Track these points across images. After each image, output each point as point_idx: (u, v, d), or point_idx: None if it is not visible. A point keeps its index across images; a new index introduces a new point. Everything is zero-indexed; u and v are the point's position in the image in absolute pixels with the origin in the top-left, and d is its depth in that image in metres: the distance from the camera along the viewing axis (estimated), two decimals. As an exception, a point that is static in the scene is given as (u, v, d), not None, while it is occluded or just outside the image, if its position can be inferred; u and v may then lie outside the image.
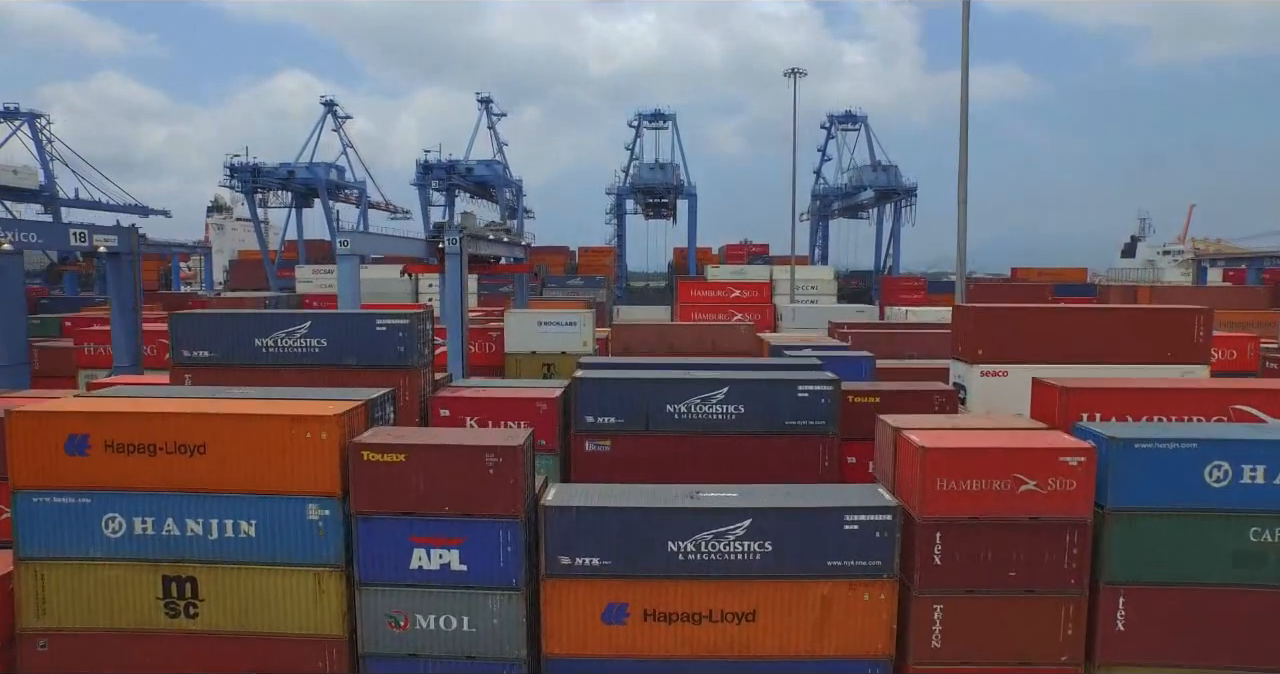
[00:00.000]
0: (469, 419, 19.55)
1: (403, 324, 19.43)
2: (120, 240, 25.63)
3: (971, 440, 14.71)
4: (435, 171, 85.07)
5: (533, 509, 14.61)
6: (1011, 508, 14.01)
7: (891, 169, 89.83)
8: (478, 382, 22.55)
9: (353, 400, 15.84)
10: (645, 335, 35.33)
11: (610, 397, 19.44)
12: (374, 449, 14.44)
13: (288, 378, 19.38)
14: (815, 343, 34.90)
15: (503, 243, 33.43)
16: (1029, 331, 20.70)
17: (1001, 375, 20.69)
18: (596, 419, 19.50)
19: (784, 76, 65.06)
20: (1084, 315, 20.83)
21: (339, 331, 19.55)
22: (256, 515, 14.48)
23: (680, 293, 56.91)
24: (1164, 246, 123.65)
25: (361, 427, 15.55)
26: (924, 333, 37.82)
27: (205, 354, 19.59)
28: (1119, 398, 16.00)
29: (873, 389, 20.80)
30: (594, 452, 19.54)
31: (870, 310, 53.49)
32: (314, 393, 16.72)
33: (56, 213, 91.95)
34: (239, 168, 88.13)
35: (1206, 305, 22.32)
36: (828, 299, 71.93)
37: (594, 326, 30.05)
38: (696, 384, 19.39)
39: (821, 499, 14.71)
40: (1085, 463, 13.83)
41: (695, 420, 19.36)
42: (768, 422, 19.34)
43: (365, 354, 19.51)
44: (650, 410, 19.41)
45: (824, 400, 19.33)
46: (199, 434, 14.38)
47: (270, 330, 19.54)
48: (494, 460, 14.33)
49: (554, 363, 29.17)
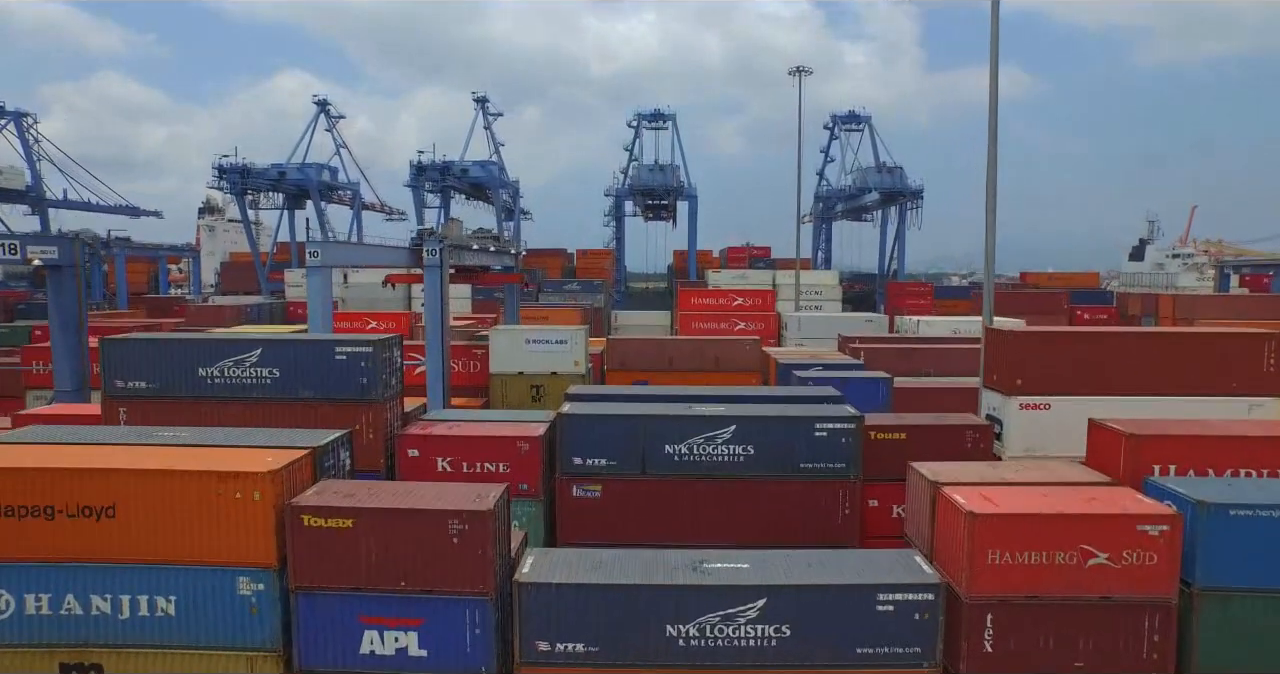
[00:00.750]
0: (440, 460, 17.21)
1: (365, 352, 17.09)
2: (60, 252, 23.24)
3: (1026, 502, 12.37)
4: (429, 173, 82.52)
5: (506, 583, 12.30)
6: (1078, 585, 11.70)
7: (897, 170, 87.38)
8: (454, 414, 20.18)
9: (298, 448, 13.52)
10: (643, 350, 33.02)
11: (601, 435, 17.11)
12: (317, 512, 12.13)
13: (235, 414, 17.05)
14: (825, 360, 32.69)
15: (489, 252, 31.11)
16: (1075, 360, 18.32)
17: (1043, 409, 18.34)
18: (585, 461, 17.17)
19: (789, 75, 62.74)
20: (1137, 341, 18.43)
21: (293, 361, 17.21)
22: (176, 590, 12.18)
23: (680, 300, 54.52)
24: (1173, 249, 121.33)
25: (306, 481, 13.23)
26: (941, 349, 35.69)
27: (141, 385, 17.25)
28: (1198, 447, 13.68)
29: (898, 424, 18.48)
30: (582, 498, 17.22)
31: (879, 320, 51.01)
32: (255, 436, 14.40)
33: (44, 214, 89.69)
34: (228, 168, 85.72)
35: (1237, 315, 19.92)
36: (832, 305, 69.56)
37: (587, 345, 27.68)
38: (699, 421, 17.06)
39: (849, 571, 12.38)
40: (1169, 533, 11.53)
41: (698, 462, 17.04)
42: (780, 464, 17.02)
43: (323, 386, 17.17)
44: (647, 451, 17.08)
45: (844, 440, 17.00)
46: (107, 493, 12.07)
47: (215, 358, 17.20)
48: (458, 527, 12.01)
49: (543, 384, 26.88)
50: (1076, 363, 18.36)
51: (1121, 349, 18.52)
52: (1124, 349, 18.50)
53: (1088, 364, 18.36)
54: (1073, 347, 18.71)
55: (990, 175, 23.49)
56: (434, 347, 26.00)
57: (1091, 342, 18.82)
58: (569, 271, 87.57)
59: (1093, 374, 18.20)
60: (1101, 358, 18.38)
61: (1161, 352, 18.41)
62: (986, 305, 23.88)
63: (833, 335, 48.78)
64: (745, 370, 32.68)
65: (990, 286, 24.13)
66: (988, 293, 23.94)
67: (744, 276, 73.91)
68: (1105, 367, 18.32)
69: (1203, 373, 18.03)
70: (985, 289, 24.08)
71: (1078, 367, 18.32)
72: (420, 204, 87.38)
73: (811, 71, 61.99)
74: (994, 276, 25.00)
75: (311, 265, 25.26)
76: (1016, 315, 48.47)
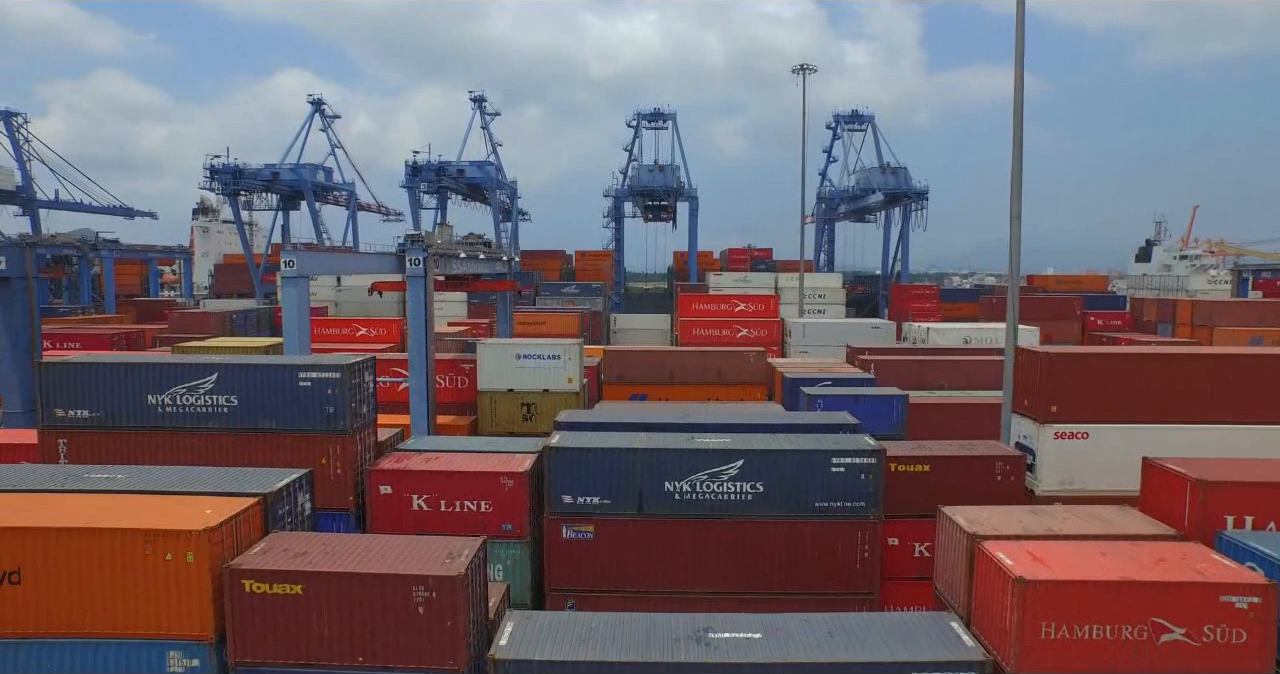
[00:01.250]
0: (415, 498, 15.52)
1: (331, 379, 15.39)
2: (9, 261, 21.30)
3: (1084, 564, 10.65)
4: (424, 173, 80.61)
5: (481, 656, 10.62)
6: (1149, 666, 10.00)
7: (901, 171, 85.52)
8: (434, 442, 18.40)
9: (246, 495, 11.83)
10: (642, 362, 31.32)
11: (593, 470, 15.41)
12: (261, 577, 10.44)
13: (188, 446, 15.39)
14: (834, 374, 30.95)
15: (479, 259, 29.36)
16: (1116, 383, 16.57)
17: (1081, 438, 16.63)
18: (576, 499, 15.47)
19: (792, 73, 60.92)
20: (1187, 363, 16.59)
21: (252, 387, 15.51)
22: (96, 668, 10.48)
23: (681, 306, 52.74)
24: (1180, 251, 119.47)
25: (254, 534, 11.54)
26: (955, 360, 34.00)
27: (84, 414, 15.56)
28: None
29: (920, 455, 16.77)
30: (574, 540, 15.52)
31: (886, 327, 49.20)
32: (201, 479, 12.68)
33: (35, 215, 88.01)
34: (219, 169, 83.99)
35: (1259, 322, 18.10)
36: (835, 309, 67.80)
37: (581, 359, 25.90)
38: (703, 456, 15.34)
39: (876, 642, 10.64)
40: (1260, 606, 9.81)
41: (701, 501, 15.33)
42: (793, 502, 15.32)
43: (285, 415, 15.48)
44: (644, 488, 15.38)
45: (864, 476, 15.30)
46: (11, 556, 10.38)
47: (166, 384, 15.50)
48: (425, 594, 10.33)
49: (535, 402, 25.15)
50: (1119, 387, 16.62)
51: (1171, 371, 16.74)
52: (1174, 371, 16.72)
53: (1132, 388, 16.62)
54: (1115, 368, 16.92)
55: (1015, 189, 21.77)
56: (418, 363, 24.26)
57: (1136, 363, 17.02)
58: (568, 274, 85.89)
59: (1138, 399, 16.47)
60: (1148, 381, 16.62)
61: (1219, 374, 16.63)
62: (1010, 321, 22.13)
63: (838, 342, 47.09)
64: (750, 383, 31.00)
65: (1015, 301, 22.34)
66: (1011, 307, 22.16)
67: (746, 280, 72.17)
68: (1152, 391, 16.58)
69: (1262, 398, 16.28)
70: (1010, 304, 22.31)
71: (1120, 391, 16.58)
72: (416, 205, 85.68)
73: (816, 69, 60.22)
74: (997, 279, 23.26)
75: (286, 275, 23.50)
76: (1027, 322, 46.53)
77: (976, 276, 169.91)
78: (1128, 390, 16.64)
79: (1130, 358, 17.07)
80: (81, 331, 46.02)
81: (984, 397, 28.72)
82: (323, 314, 54.48)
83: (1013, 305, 22.26)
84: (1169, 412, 16.39)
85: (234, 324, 49.66)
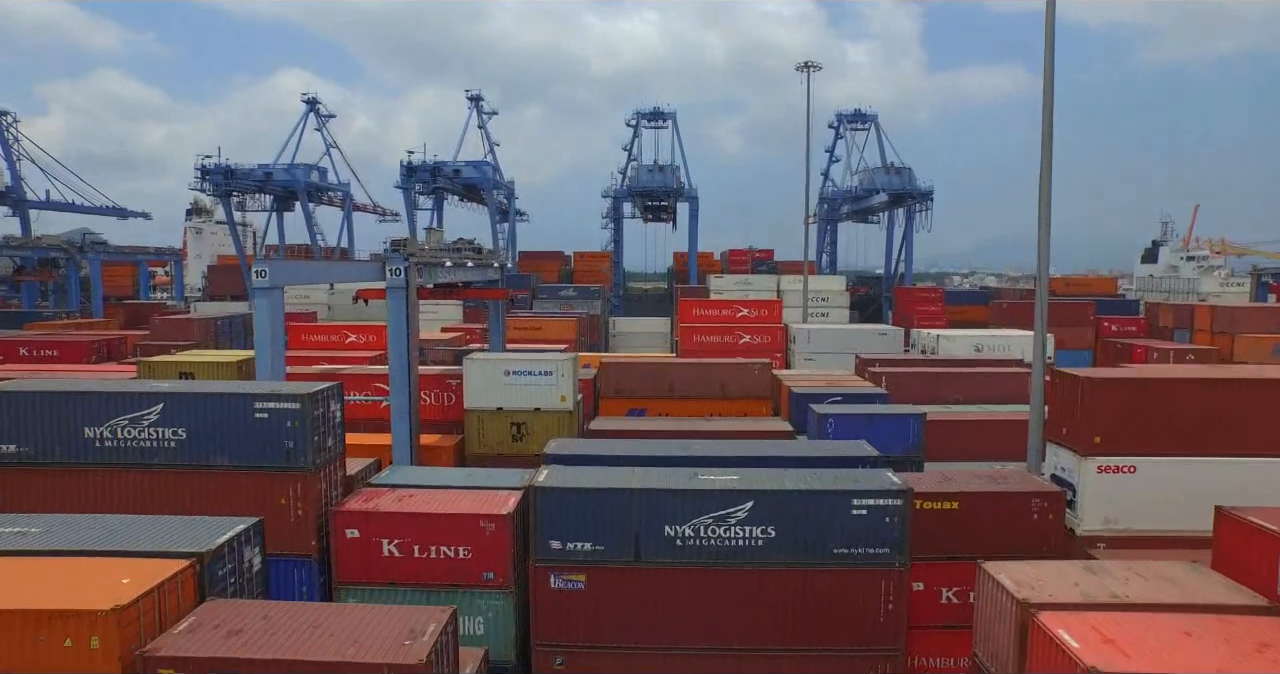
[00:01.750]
0: (386, 543, 13.83)
1: (291, 409, 13.70)
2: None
3: (1169, 649, 8.94)
4: (419, 174, 79.02)
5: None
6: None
7: (905, 171, 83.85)
8: (410, 475, 16.55)
9: (177, 555, 10.14)
10: (641, 375, 29.61)
11: (585, 512, 13.74)
12: (181, 666, 8.76)
13: (130, 486, 13.73)
14: (844, 388, 29.22)
15: (466, 267, 27.67)
16: (1169, 410, 14.83)
17: (1127, 472, 14.94)
18: (566, 544, 13.80)
19: (797, 70, 59.27)
20: (1252, 389, 14.78)
21: (203, 418, 13.84)
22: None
23: (681, 312, 51.01)
24: (1187, 252, 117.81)
25: (184, 603, 9.84)
26: (970, 373, 32.35)
27: (10, 449, 13.88)
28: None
29: (947, 490, 15.08)
30: (563, 590, 13.84)
31: (893, 333, 47.48)
32: (128, 532, 10.99)
33: (24, 215, 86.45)
34: (211, 169, 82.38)
35: None
36: (839, 312, 66.21)
37: (575, 375, 24.15)
38: (708, 497, 13.65)
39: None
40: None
41: (706, 547, 13.66)
42: (809, 549, 13.65)
43: (240, 451, 13.81)
44: (642, 532, 13.70)
45: (889, 519, 13.61)
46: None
47: (106, 416, 13.82)
48: (377, 687, 8.64)
49: (525, 422, 23.40)
50: (1172, 415, 14.90)
51: (1233, 397, 14.99)
52: (1236, 397, 14.97)
53: (1187, 416, 14.90)
54: (1167, 394, 15.14)
55: (1044, 195, 20.10)
56: (399, 381, 22.53)
57: (1193, 388, 15.23)
58: (566, 275, 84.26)
59: (1194, 429, 14.76)
60: (1206, 408, 14.90)
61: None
62: (1038, 333, 20.44)
63: (843, 349, 45.35)
64: (754, 397, 29.31)
65: (1043, 313, 20.64)
66: (1040, 319, 20.47)
67: (747, 282, 70.55)
68: (1211, 419, 14.86)
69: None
70: (1037, 319, 20.60)
71: (1173, 420, 14.87)
72: (411, 207, 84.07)
73: (820, 67, 58.55)
74: (998, 279, 21.62)
75: (259, 286, 21.76)
76: (1040, 328, 44.78)
77: (976, 276, 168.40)
78: (1182, 419, 14.92)
79: (1187, 383, 15.30)
80: (62, 339, 44.27)
81: (1004, 412, 27.09)
82: (311, 319, 52.83)
83: (1040, 318, 20.54)
84: (1230, 443, 14.69)
85: (218, 331, 47.74)
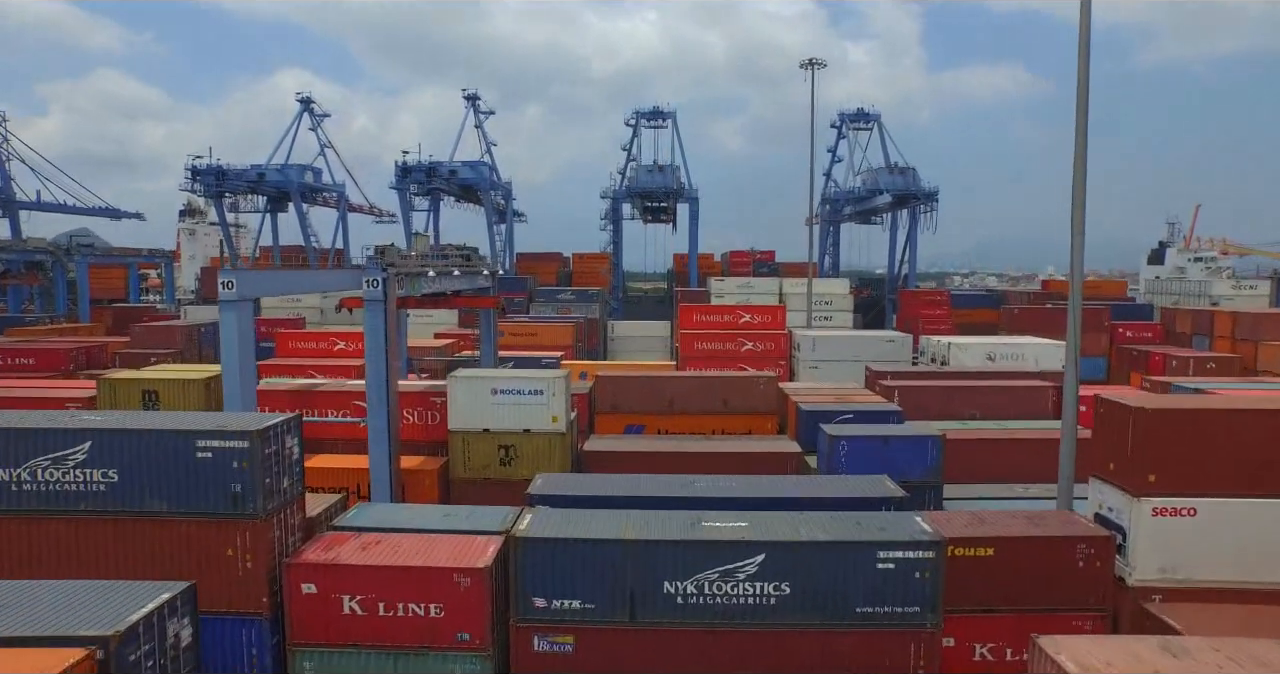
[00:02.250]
0: (347, 600, 12.17)
1: (238, 448, 12.03)
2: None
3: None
4: (414, 174, 77.42)
5: None
6: None
7: (909, 171, 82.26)
8: (378, 515, 14.67)
9: (75, 642, 8.48)
10: (639, 390, 27.94)
11: (573, 565, 12.07)
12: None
13: (52, 536, 12.07)
14: (855, 404, 27.46)
15: (453, 276, 25.98)
16: (1235, 444, 13.11)
17: (1187, 515, 13.26)
18: (551, 602, 12.14)
19: (800, 69, 57.76)
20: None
21: (138, 458, 12.17)
22: None
23: (681, 317, 49.23)
24: (1194, 253, 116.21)
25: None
26: (985, 386, 30.73)
27: (-82, 495, 12.19)
28: None
29: (982, 536, 13.41)
30: (548, 654, 12.17)
31: (901, 340, 45.79)
32: (20, 604, 9.32)
33: (14, 216, 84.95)
34: (202, 170, 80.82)
35: None
36: (843, 315, 64.61)
37: (568, 393, 22.38)
38: (714, 550, 11.98)
39: None
40: None
41: (710, 606, 11.99)
42: (828, 608, 11.99)
43: (179, 495, 12.16)
44: (637, 589, 12.04)
45: (919, 574, 11.95)
46: None
47: (24, 455, 12.16)
48: None
49: (515, 444, 21.67)
50: (1238, 450, 13.18)
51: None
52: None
53: (1255, 451, 13.20)
54: (1234, 427, 13.37)
55: (1078, 196, 18.46)
56: (377, 401, 20.84)
57: (1262, 419, 13.40)
58: (565, 277, 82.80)
59: (1262, 466, 13.07)
60: (1276, 441, 13.21)
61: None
62: (1070, 350, 18.78)
63: (849, 357, 43.68)
64: (759, 412, 27.66)
65: (1075, 328, 18.96)
66: (1072, 334, 18.81)
67: (749, 285, 68.99)
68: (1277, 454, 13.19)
69: None
70: (1070, 335, 18.93)
71: (1239, 455, 13.17)
72: (407, 208, 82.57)
73: (825, 64, 56.99)
74: (998, 279, 20.00)
75: (225, 298, 20.11)
76: (1052, 336, 43.15)
77: (977, 276, 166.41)
78: (1250, 455, 13.23)
79: (1256, 414, 13.54)
80: (39, 346, 42.59)
81: (1026, 431, 25.47)
82: (299, 326, 51.06)
83: (1074, 333, 18.87)
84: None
85: (202, 338, 45.99)
